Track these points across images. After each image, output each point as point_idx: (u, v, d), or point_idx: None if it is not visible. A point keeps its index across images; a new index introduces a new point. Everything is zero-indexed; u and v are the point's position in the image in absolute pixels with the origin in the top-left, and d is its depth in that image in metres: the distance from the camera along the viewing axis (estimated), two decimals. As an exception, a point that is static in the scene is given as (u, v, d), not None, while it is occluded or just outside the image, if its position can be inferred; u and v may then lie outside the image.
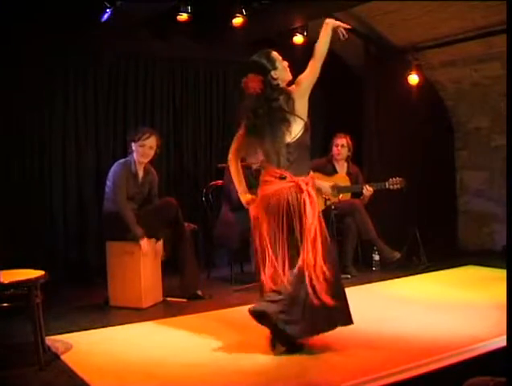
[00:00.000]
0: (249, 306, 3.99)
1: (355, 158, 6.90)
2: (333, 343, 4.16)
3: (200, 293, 5.61)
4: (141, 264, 5.29)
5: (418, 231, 6.83)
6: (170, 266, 5.67)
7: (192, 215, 6.41)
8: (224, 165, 6.38)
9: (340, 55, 7.83)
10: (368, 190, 6.43)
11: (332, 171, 6.80)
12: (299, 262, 3.93)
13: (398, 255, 6.44)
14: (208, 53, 7.14)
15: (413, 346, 4.06)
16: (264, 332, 4.06)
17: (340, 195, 6.52)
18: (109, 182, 5.47)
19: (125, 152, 5.73)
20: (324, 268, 3.89)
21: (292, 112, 4.08)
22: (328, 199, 6.42)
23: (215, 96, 7.32)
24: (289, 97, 4.10)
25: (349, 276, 6.31)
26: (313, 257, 3.89)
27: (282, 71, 4.14)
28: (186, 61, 7.10)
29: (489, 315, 4.73)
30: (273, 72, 4.08)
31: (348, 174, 6.82)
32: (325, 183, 6.46)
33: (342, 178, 6.77)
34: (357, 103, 7.42)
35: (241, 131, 4.26)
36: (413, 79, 7.29)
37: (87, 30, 5.98)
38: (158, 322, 4.88)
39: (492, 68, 7.18)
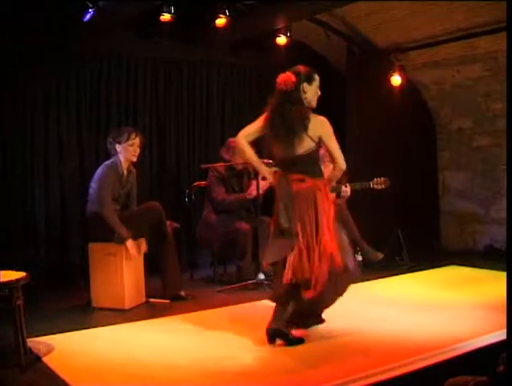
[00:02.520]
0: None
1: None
2: (316, 344, 4.18)
3: (182, 293, 5.60)
4: (123, 266, 5.27)
5: (401, 231, 6.86)
6: (152, 267, 5.65)
7: (174, 215, 6.38)
8: (207, 166, 6.37)
9: (324, 55, 7.87)
10: (345, 190, 6.39)
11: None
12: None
13: (380, 255, 6.47)
14: (191, 54, 7.14)
15: (395, 345, 4.07)
16: (247, 331, 4.06)
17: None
18: (94, 184, 5.44)
19: (108, 153, 5.70)
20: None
21: (306, 129, 4.18)
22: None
23: (198, 96, 7.30)
24: (307, 116, 4.20)
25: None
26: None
27: (312, 93, 4.29)
28: (169, 62, 7.08)
29: (471, 315, 4.76)
30: (305, 84, 4.23)
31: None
32: None
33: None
34: (340, 103, 7.44)
35: (261, 120, 4.40)
36: (396, 80, 7.33)
37: (69, 30, 5.95)
38: (141, 323, 4.86)
39: (474, 70, 7.23)
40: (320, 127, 4.21)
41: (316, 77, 4.31)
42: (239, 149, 4.57)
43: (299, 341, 4.17)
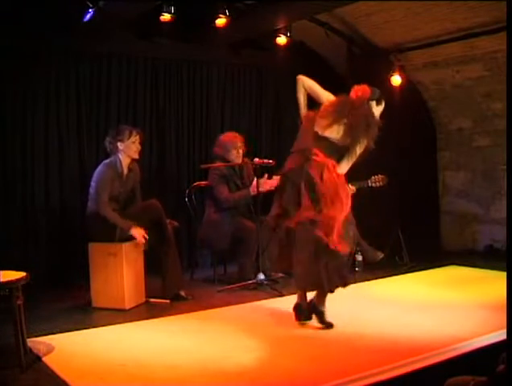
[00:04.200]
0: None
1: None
2: (316, 344, 4.18)
3: (183, 293, 5.60)
4: (124, 265, 5.28)
5: (401, 231, 6.86)
6: (152, 267, 5.65)
7: (175, 215, 6.38)
8: (207, 166, 6.37)
9: (324, 55, 7.86)
10: (350, 189, 6.42)
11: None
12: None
13: (381, 255, 6.45)
14: (191, 54, 7.13)
15: (395, 346, 4.08)
16: (247, 331, 4.06)
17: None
18: (93, 183, 5.45)
19: (107, 153, 5.70)
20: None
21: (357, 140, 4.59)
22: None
23: (198, 96, 7.30)
24: (370, 120, 4.63)
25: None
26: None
27: (378, 112, 4.75)
28: (169, 62, 7.07)
29: (471, 315, 4.76)
30: (374, 103, 4.69)
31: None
32: None
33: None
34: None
35: (328, 93, 4.72)
36: (396, 80, 7.32)
37: (69, 30, 5.95)
38: (141, 323, 4.87)
39: (474, 70, 7.23)
40: (367, 136, 4.62)
41: (383, 103, 4.79)
42: (298, 86, 4.85)
43: (330, 325, 4.50)
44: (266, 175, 6.08)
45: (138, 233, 5.31)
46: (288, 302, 5.39)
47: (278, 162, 6.58)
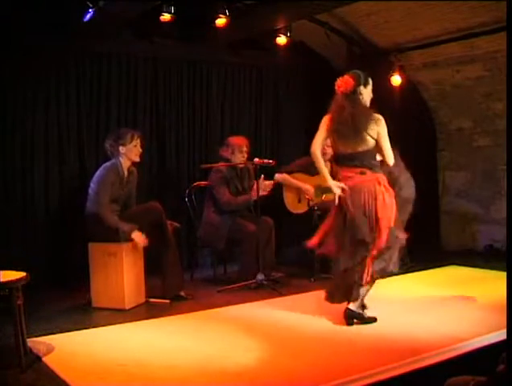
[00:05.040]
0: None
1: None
2: (316, 344, 4.18)
3: (183, 293, 5.61)
4: (124, 266, 5.28)
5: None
6: (152, 267, 5.65)
7: (174, 215, 6.38)
8: (207, 166, 6.37)
9: (324, 55, 7.87)
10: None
11: (316, 171, 6.78)
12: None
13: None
14: (191, 54, 7.13)
15: (395, 345, 4.08)
16: (247, 331, 4.05)
17: (324, 196, 6.53)
18: (93, 185, 5.46)
19: (106, 155, 5.70)
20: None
21: (367, 128, 4.57)
22: (311, 200, 6.43)
23: (198, 96, 7.30)
24: (371, 117, 4.61)
25: (332, 276, 6.31)
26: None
27: (367, 95, 4.70)
28: (169, 62, 7.07)
29: (471, 315, 4.77)
30: (362, 88, 4.65)
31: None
32: (307, 186, 6.52)
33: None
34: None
35: (324, 124, 4.74)
36: (396, 80, 7.33)
37: (69, 30, 5.95)
38: (141, 323, 4.87)
39: (474, 70, 7.23)
40: (378, 125, 4.59)
41: (370, 81, 4.75)
42: (314, 159, 4.80)
43: (373, 320, 4.66)
44: (262, 176, 6.08)
45: (139, 237, 5.32)
46: (288, 302, 5.41)
47: (278, 162, 6.62)
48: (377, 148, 4.62)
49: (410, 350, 3.94)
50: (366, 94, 4.69)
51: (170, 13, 5.92)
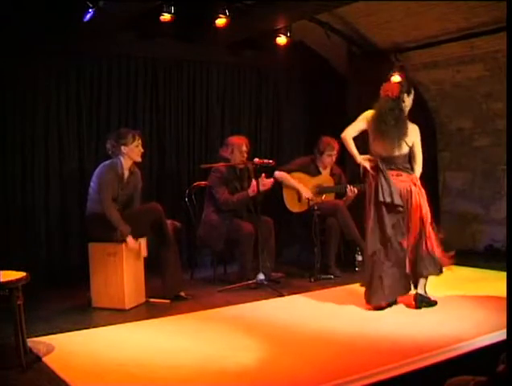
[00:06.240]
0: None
1: (338, 159, 6.91)
2: (316, 344, 4.18)
3: (183, 294, 5.60)
4: (124, 266, 5.28)
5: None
6: (152, 267, 5.65)
7: (175, 215, 6.38)
8: (207, 166, 6.37)
9: (324, 55, 7.86)
10: (352, 190, 6.45)
11: (316, 172, 6.80)
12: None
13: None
14: (190, 54, 7.13)
15: (395, 345, 4.07)
16: (247, 331, 4.04)
17: (324, 196, 6.54)
18: (93, 184, 5.45)
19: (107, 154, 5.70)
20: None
21: (406, 135, 4.94)
22: (311, 200, 6.43)
23: (198, 96, 7.30)
24: (407, 123, 4.98)
25: (332, 276, 6.32)
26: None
27: (409, 103, 5.03)
28: (169, 62, 7.07)
29: (471, 315, 4.76)
30: (406, 95, 4.99)
31: (332, 174, 6.84)
32: (305, 189, 6.52)
33: (326, 178, 6.78)
34: (340, 103, 7.44)
35: (363, 120, 5.08)
36: (396, 80, 7.31)
37: (69, 31, 5.95)
38: (141, 323, 4.87)
39: (474, 70, 7.23)
40: (415, 134, 4.97)
41: (413, 91, 5.08)
42: (345, 144, 5.15)
43: (435, 303, 5.04)
44: (263, 175, 6.08)
45: (132, 242, 5.30)
46: (288, 302, 5.41)
47: (278, 162, 6.62)
48: (411, 154, 4.99)
49: (411, 350, 3.94)
50: (408, 102, 5.01)
51: (170, 13, 5.92)
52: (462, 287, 5.74)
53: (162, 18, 5.96)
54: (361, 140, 5.20)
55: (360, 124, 5.10)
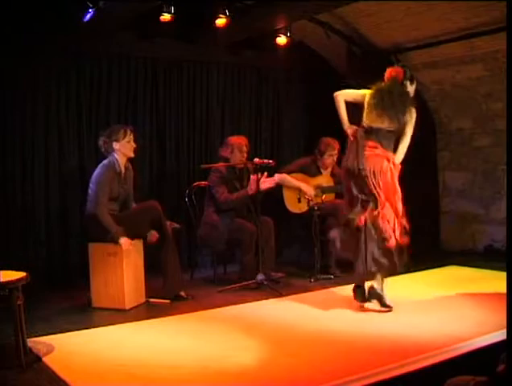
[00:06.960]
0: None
1: (339, 159, 6.90)
2: (316, 344, 4.18)
3: (183, 294, 5.60)
4: (123, 266, 5.27)
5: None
6: (152, 267, 5.65)
7: (175, 215, 6.39)
8: (207, 166, 6.37)
9: (324, 55, 7.86)
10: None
11: (317, 172, 6.81)
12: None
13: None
14: (191, 54, 7.13)
15: (395, 346, 4.07)
16: (247, 331, 4.05)
17: (324, 196, 6.54)
18: (92, 185, 5.45)
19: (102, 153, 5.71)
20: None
21: (404, 113, 4.95)
22: (311, 200, 6.43)
23: (198, 96, 7.30)
24: (412, 104, 5.01)
25: (332, 276, 6.32)
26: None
27: (412, 90, 5.09)
28: (169, 62, 7.07)
29: (471, 315, 4.76)
30: (408, 82, 5.07)
31: (332, 175, 6.84)
32: (307, 186, 6.52)
33: (326, 178, 6.79)
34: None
35: (362, 92, 5.10)
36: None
37: (69, 30, 5.94)
38: (141, 323, 4.87)
39: (474, 70, 7.23)
40: (410, 116, 4.96)
41: (415, 82, 5.15)
42: (336, 104, 5.14)
43: (390, 308, 4.89)
44: (265, 174, 6.09)
45: (126, 244, 5.28)
46: (288, 302, 5.41)
47: (278, 162, 6.61)
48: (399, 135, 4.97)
49: (411, 350, 3.94)
50: (411, 90, 5.06)
51: (170, 13, 5.92)
52: (462, 287, 5.74)
53: (162, 18, 5.96)
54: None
55: (357, 93, 5.12)
